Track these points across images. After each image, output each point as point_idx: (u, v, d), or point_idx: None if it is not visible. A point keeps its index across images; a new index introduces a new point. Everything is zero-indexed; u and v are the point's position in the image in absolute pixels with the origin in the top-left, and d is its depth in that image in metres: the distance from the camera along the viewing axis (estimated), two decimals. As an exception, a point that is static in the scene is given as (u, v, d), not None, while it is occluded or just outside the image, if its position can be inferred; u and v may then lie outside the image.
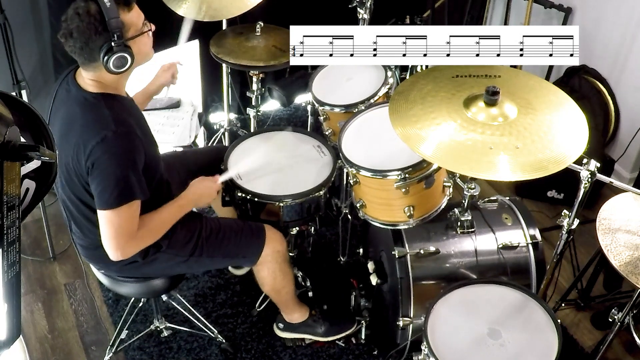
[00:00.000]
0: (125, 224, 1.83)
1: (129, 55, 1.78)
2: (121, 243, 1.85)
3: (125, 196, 1.80)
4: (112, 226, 1.82)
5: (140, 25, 1.83)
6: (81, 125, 1.79)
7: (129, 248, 1.88)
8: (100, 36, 1.73)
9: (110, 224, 1.82)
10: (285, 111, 3.69)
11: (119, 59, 1.77)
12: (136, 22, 1.82)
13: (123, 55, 1.77)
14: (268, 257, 2.22)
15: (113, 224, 1.82)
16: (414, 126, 1.79)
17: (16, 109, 0.91)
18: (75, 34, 1.74)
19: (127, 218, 1.83)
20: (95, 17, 1.72)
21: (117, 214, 1.80)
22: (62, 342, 2.57)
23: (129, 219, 1.84)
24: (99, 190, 1.79)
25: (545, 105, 1.84)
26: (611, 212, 1.92)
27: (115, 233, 1.83)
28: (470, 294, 1.96)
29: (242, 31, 2.93)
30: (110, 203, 1.79)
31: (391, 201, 2.12)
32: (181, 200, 2.03)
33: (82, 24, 1.72)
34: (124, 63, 1.79)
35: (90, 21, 1.72)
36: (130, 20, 1.79)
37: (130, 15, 1.79)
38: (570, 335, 2.58)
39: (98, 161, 1.76)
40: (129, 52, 1.78)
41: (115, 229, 1.82)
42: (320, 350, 2.51)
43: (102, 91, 1.84)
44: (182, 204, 2.03)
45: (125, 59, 1.78)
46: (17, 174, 0.84)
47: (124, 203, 1.80)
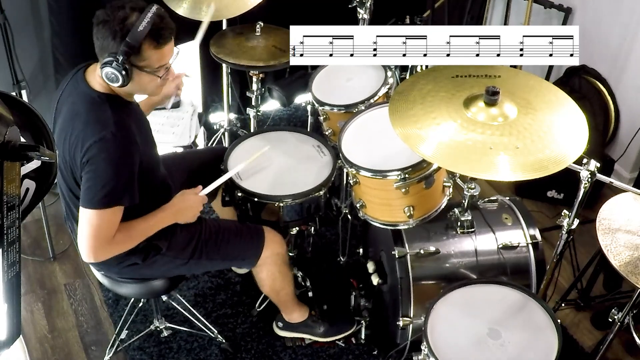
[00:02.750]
0: (104, 227, 1.81)
1: (122, 78, 1.75)
2: (96, 245, 1.82)
3: (110, 200, 1.79)
4: (90, 226, 1.80)
5: (155, 66, 1.80)
6: (83, 122, 1.79)
7: (102, 251, 1.85)
8: (115, 44, 1.73)
9: (89, 224, 1.80)
10: (285, 111, 3.69)
11: (112, 73, 1.75)
12: (153, 62, 1.79)
13: (115, 74, 1.74)
14: (267, 260, 2.22)
15: (92, 225, 1.80)
16: (414, 126, 1.79)
17: (16, 109, 0.91)
18: (104, 25, 1.74)
19: (108, 222, 1.81)
20: (125, 27, 1.71)
21: (98, 215, 1.79)
22: (62, 342, 2.57)
23: (109, 223, 1.82)
24: (86, 187, 1.79)
25: (545, 105, 1.84)
26: (611, 212, 1.92)
27: (92, 234, 1.81)
28: (470, 294, 1.97)
29: (242, 31, 2.93)
30: (94, 203, 1.78)
31: (391, 201, 2.12)
32: (163, 212, 1.99)
33: (113, 23, 1.72)
34: (114, 80, 1.76)
35: (118, 27, 1.71)
36: (149, 55, 1.77)
37: (151, 52, 1.77)
38: (570, 335, 2.58)
39: (92, 160, 1.76)
40: (124, 75, 1.74)
41: (93, 230, 1.80)
42: (320, 350, 2.51)
43: (108, 91, 1.84)
44: (163, 216, 1.98)
45: (116, 78, 1.75)
46: (17, 174, 0.84)
47: (107, 206, 1.79)
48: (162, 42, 1.77)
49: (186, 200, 2.05)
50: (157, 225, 1.98)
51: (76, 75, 1.89)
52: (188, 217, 2.06)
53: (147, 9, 1.73)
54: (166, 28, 1.78)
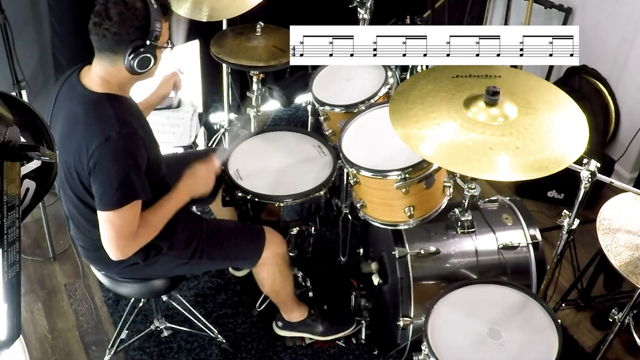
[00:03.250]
0: (127, 224, 1.82)
1: (154, 60, 1.79)
2: (122, 244, 1.84)
3: (128, 197, 1.79)
4: (113, 227, 1.81)
5: (165, 39, 1.85)
6: (85, 124, 1.78)
7: (129, 248, 1.87)
8: (138, 31, 1.74)
9: (112, 225, 1.81)
10: (285, 111, 3.69)
11: (144, 60, 1.77)
12: (165, 36, 1.84)
13: (148, 57, 1.77)
14: (268, 260, 2.22)
15: (114, 225, 1.81)
16: (414, 126, 1.79)
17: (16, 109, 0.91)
18: (116, 18, 1.72)
19: (129, 219, 1.82)
20: (141, 12, 1.73)
21: (118, 215, 1.79)
22: (62, 342, 2.57)
23: (131, 220, 1.83)
24: (101, 191, 1.78)
25: (546, 105, 1.84)
26: (611, 212, 1.92)
27: (116, 234, 1.82)
28: (471, 294, 1.97)
29: (242, 31, 2.93)
30: (112, 204, 1.78)
31: (391, 201, 2.12)
32: (177, 192, 1.99)
33: (127, 12, 1.72)
34: (145, 65, 1.79)
35: (135, 13, 1.73)
36: (164, 31, 1.81)
37: (164, 27, 1.81)
38: (571, 336, 2.58)
39: (100, 162, 1.75)
40: (154, 57, 1.79)
41: (116, 230, 1.81)
42: (320, 350, 2.51)
43: (107, 91, 1.83)
44: (178, 195, 1.99)
45: (149, 62, 1.79)
46: (17, 174, 0.84)
47: (126, 204, 1.79)
48: (168, 14, 1.83)
49: (198, 172, 2.06)
50: (176, 205, 1.98)
51: (70, 79, 1.88)
52: (203, 189, 2.08)
53: None
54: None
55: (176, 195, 1.99)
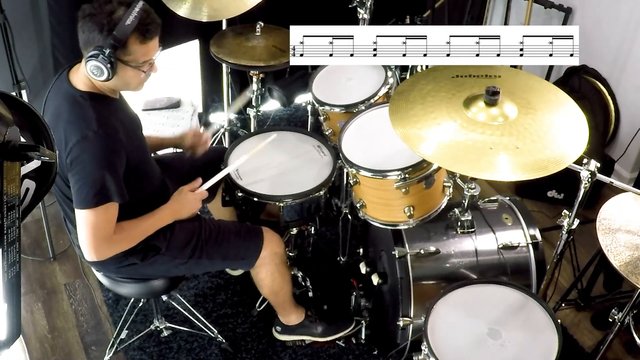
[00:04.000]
0: (102, 225, 1.83)
1: (108, 72, 1.75)
2: (96, 244, 1.84)
3: (102, 197, 1.80)
4: (88, 226, 1.82)
5: (139, 61, 1.82)
6: (66, 121, 1.79)
7: (104, 250, 1.87)
8: (101, 37, 1.74)
9: (87, 224, 1.82)
10: (285, 111, 3.69)
11: (97, 67, 1.75)
12: (138, 56, 1.80)
13: (101, 67, 1.75)
14: (266, 259, 2.22)
15: (89, 224, 1.82)
16: (414, 126, 1.79)
17: (16, 109, 0.91)
18: (90, 19, 1.74)
19: (104, 220, 1.83)
20: (112, 20, 1.72)
21: (93, 214, 1.80)
22: (62, 342, 2.57)
23: (105, 221, 1.83)
24: (76, 188, 1.80)
25: (545, 105, 1.84)
26: (611, 212, 1.92)
27: (91, 233, 1.82)
28: (471, 294, 1.96)
29: (242, 31, 2.93)
30: (87, 202, 1.79)
31: (391, 201, 2.12)
32: (162, 211, 2.01)
33: (100, 16, 1.73)
34: (99, 74, 1.77)
35: (106, 20, 1.72)
36: (134, 50, 1.78)
37: (137, 47, 1.78)
38: (570, 335, 2.58)
39: (77, 159, 1.77)
40: (109, 69, 1.75)
41: (91, 229, 1.82)
42: (320, 350, 2.51)
43: (91, 90, 1.84)
44: (163, 215, 2.01)
45: (101, 71, 1.76)
46: (17, 174, 0.84)
47: (100, 204, 1.80)
48: (148, 37, 1.79)
49: (184, 197, 2.07)
50: (157, 224, 1.99)
51: (61, 76, 1.89)
52: (187, 214, 2.08)
53: (134, 3, 1.74)
54: (152, 23, 1.79)
55: (160, 214, 2.00)
